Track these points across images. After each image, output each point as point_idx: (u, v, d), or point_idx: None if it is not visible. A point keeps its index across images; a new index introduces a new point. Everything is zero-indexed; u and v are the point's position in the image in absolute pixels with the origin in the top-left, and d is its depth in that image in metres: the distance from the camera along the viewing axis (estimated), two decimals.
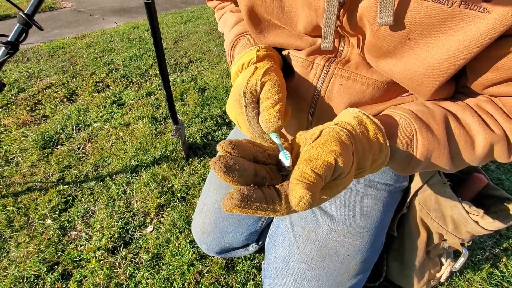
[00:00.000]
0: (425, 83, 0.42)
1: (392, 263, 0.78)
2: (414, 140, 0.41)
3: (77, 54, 2.37)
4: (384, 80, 0.49)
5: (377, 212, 0.65)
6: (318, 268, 0.64)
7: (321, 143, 0.34)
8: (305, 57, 0.54)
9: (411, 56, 0.41)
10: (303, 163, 0.31)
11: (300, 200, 0.28)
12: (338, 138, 0.35)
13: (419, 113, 0.43)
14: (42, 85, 1.92)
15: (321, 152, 0.32)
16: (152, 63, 2.17)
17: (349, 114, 0.41)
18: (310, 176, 0.29)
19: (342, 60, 0.51)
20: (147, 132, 1.46)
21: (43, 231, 1.03)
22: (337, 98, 0.53)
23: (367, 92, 0.51)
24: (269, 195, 0.31)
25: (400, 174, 0.47)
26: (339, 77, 0.51)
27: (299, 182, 0.29)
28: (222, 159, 0.30)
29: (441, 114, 0.43)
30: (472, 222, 0.61)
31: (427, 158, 0.42)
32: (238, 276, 0.88)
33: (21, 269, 0.91)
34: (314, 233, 0.66)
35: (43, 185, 1.20)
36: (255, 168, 0.33)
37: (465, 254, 0.69)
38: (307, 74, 0.54)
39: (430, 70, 0.40)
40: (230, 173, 0.30)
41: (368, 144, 0.38)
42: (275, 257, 0.70)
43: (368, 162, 0.38)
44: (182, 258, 0.92)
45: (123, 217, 1.07)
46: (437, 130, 0.42)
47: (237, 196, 0.29)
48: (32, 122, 1.60)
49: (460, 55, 0.37)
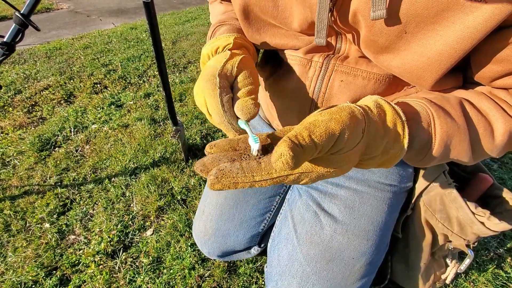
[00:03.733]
0: (424, 76, 0.41)
1: (397, 265, 0.77)
2: (431, 125, 0.38)
3: (74, 55, 2.35)
4: (385, 73, 0.49)
5: (382, 214, 0.64)
6: (322, 272, 0.62)
7: (331, 111, 0.31)
8: (303, 56, 0.53)
9: (409, 50, 0.40)
10: (303, 124, 0.29)
11: (279, 157, 0.26)
12: (351, 111, 0.32)
13: (432, 99, 0.41)
14: (39, 86, 1.90)
15: (327, 118, 0.29)
16: (151, 64, 2.16)
17: (367, 98, 0.38)
18: (303, 140, 0.27)
19: (341, 57, 0.51)
20: (146, 134, 1.44)
21: (41, 235, 1.01)
22: (338, 94, 0.52)
23: (368, 86, 0.50)
24: (247, 166, 0.30)
25: (416, 165, 0.45)
26: (339, 73, 0.51)
27: (287, 140, 0.26)
28: (199, 160, 0.31)
29: (456, 99, 0.41)
30: (478, 223, 0.60)
31: (446, 144, 0.39)
32: (241, 279, 0.86)
33: (19, 274, 0.89)
34: (318, 235, 0.65)
35: (40, 188, 1.18)
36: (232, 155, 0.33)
37: (471, 256, 0.68)
38: (306, 72, 0.54)
39: (429, 63, 0.39)
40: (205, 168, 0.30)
41: (383, 129, 0.35)
42: (278, 260, 0.69)
43: (378, 149, 0.35)
44: (183, 261, 0.91)
45: (122, 220, 1.05)
46: (454, 114, 0.39)
47: (214, 171, 0.29)
48: (29, 124, 1.58)
49: (458, 46, 0.36)
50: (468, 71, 0.46)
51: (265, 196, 0.78)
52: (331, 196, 0.67)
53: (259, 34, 0.55)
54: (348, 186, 0.66)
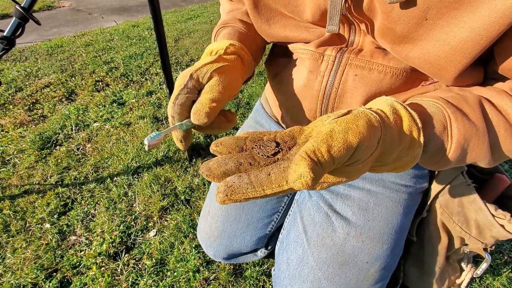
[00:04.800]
0: (447, 67, 0.38)
1: (410, 268, 0.74)
2: (448, 127, 0.36)
3: (76, 53, 2.33)
4: (403, 67, 0.46)
5: (397, 216, 0.61)
6: (335, 276, 0.60)
7: (347, 120, 0.29)
8: (314, 49, 0.51)
9: (430, 38, 0.37)
10: (321, 136, 0.27)
11: (299, 178, 0.24)
12: (368, 120, 0.30)
13: (450, 99, 0.39)
14: (40, 84, 1.88)
15: (344, 129, 0.28)
16: (153, 62, 2.13)
17: (382, 101, 0.36)
18: (322, 157, 0.26)
19: (354, 50, 0.48)
20: (149, 132, 1.42)
21: (41, 236, 0.99)
22: (352, 89, 0.49)
23: (385, 81, 0.47)
24: (256, 180, 0.28)
25: (431, 168, 0.42)
26: (353, 67, 0.48)
27: (306, 158, 0.25)
28: (204, 164, 0.30)
29: (474, 99, 0.38)
30: (498, 226, 0.57)
31: (463, 148, 0.37)
32: (247, 283, 0.84)
33: (18, 277, 0.87)
34: (330, 238, 0.62)
35: (41, 188, 1.16)
36: (238, 158, 0.31)
37: (488, 259, 0.65)
38: (318, 67, 0.51)
39: (452, 52, 0.36)
40: (211, 173, 0.29)
41: (399, 136, 0.33)
42: (288, 264, 0.66)
43: (392, 156, 0.34)
44: (188, 264, 0.88)
45: (124, 220, 1.02)
46: (473, 115, 0.37)
47: (223, 188, 0.27)
48: (29, 122, 1.56)
49: (485, 32, 0.33)
50: (490, 65, 0.43)
51: (273, 197, 0.75)
52: (344, 197, 0.64)
53: (268, 24, 0.53)
54: (362, 186, 0.63)
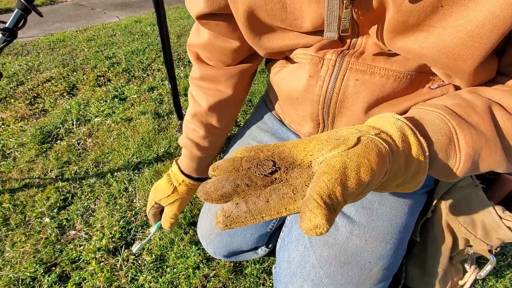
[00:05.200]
0: (463, 56, 0.36)
1: (413, 269, 0.73)
2: (454, 140, 0.35)
3: (78, 47, 2.32)
4: (406, 70, 0.44)
5: (402, 215, 0.60)
6: (337, 275, 0.59)
7: (358, 153, 0.28)
8: (314, 53, 0.49)
9: (445, 25, 0.35)
10: (335, 175, 0.26)
11: (315, 228, 0.23)
12: (379, 152, 0.29)
13: (455, 107, 0.36)
14: (42, 78, 1.87)
15: (357, 165, 0.27)
16: (155, 58, 2.12)
17: (390, 123, 0.33)
18: (337, 201, 0.25)
19: (356, 53, 0.46)
20: (150, 128, 1.41)
21: (41, 230, 0.98)
22: (353, 95, 0.48)
23: (387, 85, 0.45)
24: (254, 208, 0.27)
25: (445, 180, 0.41)
26: (354, 71, 0.46)
27: (322, 205, 0.24)
28: (201, 187, 0.29)
29: (483, 105, 0.36)
30: (505, 228, 0.56)
31: (474, 160, 0.35)
32: (247, 280, 0.83)
33: (17, 270, 0.86)
34: (332, 237, 0.61)
35: (41, 182, 1.15)
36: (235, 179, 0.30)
37: (493, 262, 0.64)
38: (318, 71, 0.49)
39: (469, 38, 0.34)
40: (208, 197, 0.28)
41: (405, 166, 0.32)
42: (289, 261, 0.65)
43: (394, 184, 0.33)
44: (187, 260, 0.87)
45: (124, 216, 1.02)
46: (481, 124, 0.35)
47: (221, 219, 0.27)
48: (30, 116, 1.55)
49: (504, 14, 0.30)
50: (503, 56, 0.40)
51: None
52: None
53: (266, 39, 0.52)
54: None
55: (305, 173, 0.29)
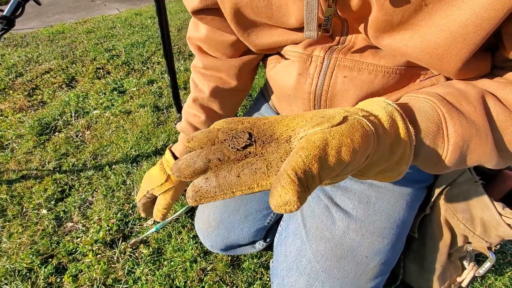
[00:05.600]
0: (447, 57, 0.35)
1: (411, 265, 0.73)
2: (443, 128, 0.33)
3: (77, 39, 2.30)
4: (394, 65, 0.43)
5: (400, 210, 0.59)
6: (333, 269, 0.58)
7: (342, 131, 0.27)
8: (302, 51, 0.48)
9: (429, 24, 0.34)
10: (313, 150, 0.24)
11: (285, 205, 0.22)
12: (364, 133, 0.27)
13: (447, 95, 0.35)
14: (41, 70, 1.86)
15: (339, 143, 0.26)
16: (155, 51, 2.10)
17: (380, 107, 0.32)
18: (312, 177, 0.23)
19: (344, 49, 0.46)
20: (149, 121, 1.40)
21: (38, 222, 0.98)
22: (342, 92, 0.47)
23: (376, 81, 0.45)
24: (224, 182, 0.25)
25: (431, 172, 0.39)
26: (342, 68, 0.46)
27: (295, 181, 0.22)
28: (174, 165, 0.28)
29: (476, 94, 0.35)
30: (505, 226, 0.55)
31: (462, 150, 0.34)
32: (244, 274, 0.82)
33: (13, 261, 0.86)
34: (329, 231, 0.60)
35: (38, 173, 1.15)
36: (206, 154, 0.28)
37: (492, 259, 0.64)
38: (307, 69, 0.49)
39: (453, 39, 0.33)
40: (181, 174, 0.27)
41: (390, 151, 0.31)
42: (285, 255, 0.65)
43: (376, 170, 0.32)
44: (185, 254, 0.87)
45: (122, 209, 1.01)
46: (473, 113, 0.34)
47: (191, 194, 0.25)
48: (29, 107, 1.54)
49: (487, 14, 0.30)
50: (498, 52, 0.39)
51: None
52: (344, 190, 0.62)
53: (255, 34, 0.52)
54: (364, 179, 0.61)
55: (282, 148, 0.27)
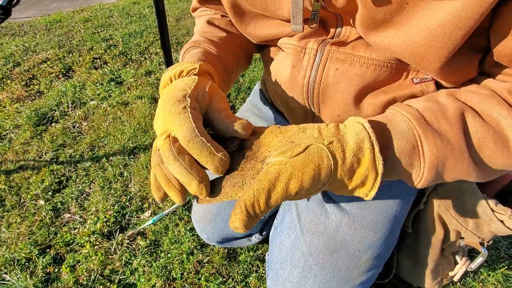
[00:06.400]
0: (427, 56, 0.35)
1: (404, 260, 0.74)
2: (419, 148, 0.34)
3: (74, 28, 2.27)
4: (386, 59, 0.43)
5: (393, 205, 0.60)
6: (326, 263, 0.59)
7: (295, 164, 0.31)
8: (297, 43, 0.49)
9: (411, 23, 0.34)
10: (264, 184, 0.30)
11: (234, 228, 0.30)
12: (317, 166, 0.32)
13: (427, 112, 0.36)
14: (38, 59, 1.84)
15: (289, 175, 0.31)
16: (153, 41, 2.08)
17: (354, 133, 0.33)
18: (259, 208, 0.30)
19: (337, 42, 0.46)
20: (146, 113, 1.39)
21: (35, 212, 0.98)
22: (334, 84, 0.48)
23: (367, 74, 0.45)
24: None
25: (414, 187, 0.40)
26: (334, 60, 0.46)
27: (244, 212, 0.30)
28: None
29: (456, 110, 0.35)
30: (497, 222, 0.56)
31: (437, 168, 0.35)
32: (240, 267, 0.83)
33: (12, 251, 0.87)
34: (323, 225, 0.61)
35: (36, 164, 1.15)
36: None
37: (484, 254, 0.65)
38: (300, 61, 0.49)
39: (431, 38, 0.33)
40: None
41: (349, 180, 0.34)
42: (280, 249, 0.66)
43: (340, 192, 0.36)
44: (182, 246, 0.88)
45: (119, 200, 1.02)
46: (449, 132, 0.34)
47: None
48: (26, 97, 1.53)
49: (464, 13, 0.30)
50: (488, 56, 0.39)
51: None
52: None
53: (253, 25, 0.52)
54: None
55: (256, 168, 0.34)
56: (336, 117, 0.52)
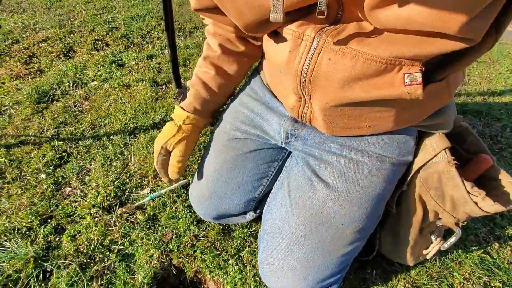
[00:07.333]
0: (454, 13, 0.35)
1: (387, 238, 0.79)
2: None
3: (75, 8, 2.25)
4: (376, 54, 0.45)
5: (376, 184, 0.65)
6: (312, 234, 0.64)
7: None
8: (296, 29, 0.51)
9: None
10: None
11: None
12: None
13: None
14: (38, 38, 1.84)
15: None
16: (155, 25, 2.08)
17: None
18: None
19: (334, 31, 0.47)
20: (148, 95, 1.42)
21: (36, 185, 1.01)
22: (326, 74, 0.50)
23: (356, 67, 0.47)
24: None
25: None
26: (328, 50, 0.48)
27: None
28: None
29: None
30: (472, 203, 0.61)
31: None
32: (234, 242, 0.88)
33: (13, 220, 0.90)
34: (310, 200, 0.66)
35: (37, 140, 1.17)
36: None
37: (458, 234, 0.70)
38: (297, 47, 0.51)
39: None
40: None
41: None
42: (271, 222, 0.71)
43: None
44: (179, 221, 0.92)
45: (119, 177, 1.05)
46: None
47: None
48: (26, 75, 1.54)
49: None
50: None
51: (263, 161, 0.78)
52: (327, 164, 0.67)
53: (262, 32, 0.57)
54: (345, 155, 0.66)
55: None
56: (325, 104, 0.55)
